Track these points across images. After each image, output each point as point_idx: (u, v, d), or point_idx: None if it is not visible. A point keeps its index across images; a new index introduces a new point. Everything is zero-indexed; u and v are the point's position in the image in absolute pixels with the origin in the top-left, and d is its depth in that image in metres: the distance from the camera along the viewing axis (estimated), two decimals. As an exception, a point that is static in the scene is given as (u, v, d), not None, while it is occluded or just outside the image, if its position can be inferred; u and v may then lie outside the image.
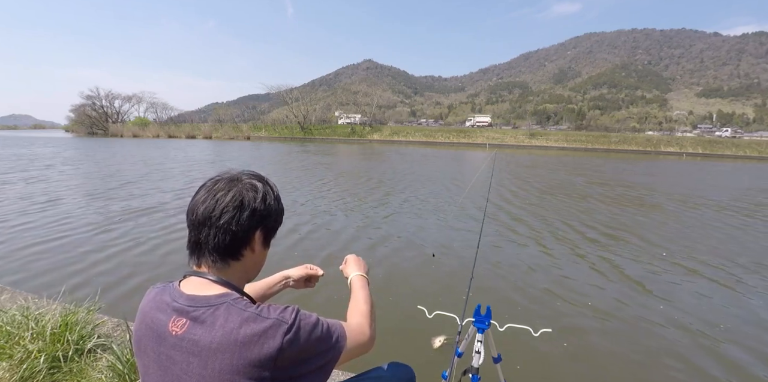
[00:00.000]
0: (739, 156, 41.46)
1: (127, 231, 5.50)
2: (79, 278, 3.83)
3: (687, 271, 4.55)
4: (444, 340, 2.81)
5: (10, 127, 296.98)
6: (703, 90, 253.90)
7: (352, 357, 0.81)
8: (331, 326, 0.78)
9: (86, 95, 72.39)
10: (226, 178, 0.80)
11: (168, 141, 43.47)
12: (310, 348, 0.72)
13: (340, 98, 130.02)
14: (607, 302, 3.66)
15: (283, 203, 0.88)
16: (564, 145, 48.61)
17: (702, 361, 2.74)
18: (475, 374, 1.36)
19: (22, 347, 1.81)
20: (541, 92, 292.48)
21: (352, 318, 0.91)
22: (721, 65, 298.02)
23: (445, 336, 2.85)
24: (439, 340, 2.81)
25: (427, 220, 6.79)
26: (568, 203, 8.95)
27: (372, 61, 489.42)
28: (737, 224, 7.22)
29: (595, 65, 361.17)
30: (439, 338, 2.82)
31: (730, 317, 3.43)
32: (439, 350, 2.73)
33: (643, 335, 3.08)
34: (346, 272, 1.13)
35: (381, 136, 57.41)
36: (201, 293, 0.74)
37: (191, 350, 0.68)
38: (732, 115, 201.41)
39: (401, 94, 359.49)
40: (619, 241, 5.78)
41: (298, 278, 1.20)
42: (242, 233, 0.77)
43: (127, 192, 8.77)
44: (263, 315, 0.70)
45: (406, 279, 4.08)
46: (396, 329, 2.99)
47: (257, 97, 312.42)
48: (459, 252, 5.02)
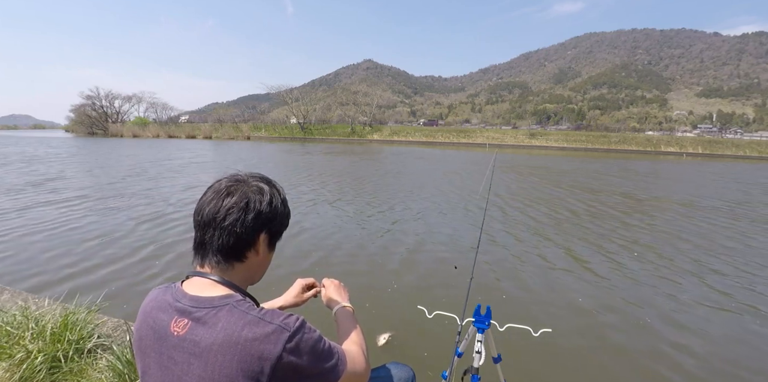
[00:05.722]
0: (739, 156, 41.47)
1: (130, 231, 5.51)
2: (79, 278, 3.82)
3: (687, 272, 4.55)
4: (388, 337, 2.80)
5: (10, 127, 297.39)
6: (703, 90, 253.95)
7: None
8: (332, 347, 0.76)
9: (86, 95, 72.25)
10: (233, 180, 0.80)
11: (168, 141, 43.46)
12: (310, 363, 0.70)
13: (340, 98, 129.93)
14: (608, 302, 3.66)
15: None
16: (564, 145, 48.57)
17: (707, 362, 2.74)
18: (475, 374, 1.35)
19: (22, 347, 1.82)
20: (541, 92, 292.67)
21: (347, 347, 0.87)
22: (721, 65, 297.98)
23: (390, 333, 2.83)
24: (383, 337, 2.79)
25: (426, 219, 6.80)
26: (568, 204, 8.95)
27: (372, 61, 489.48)
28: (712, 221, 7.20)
29: (595, 65, 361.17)
30: (384, 335, 2.81)
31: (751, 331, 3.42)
32: (383, 347, 2.72)
33: (645, 334, 3.08)
34: (328, 302, 1.09)
35: (381, 136, 57.38)
36: (204, 294, 0.74)
37: (192, 350, 0.68)
38: (732, 115, 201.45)
39: (401, 94, 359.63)
40: (620, 242, 5.78)
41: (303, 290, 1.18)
42: (247, 235, 0.77)
43: (130, 194, 8.77)
44: (266, 319, 0.69)
45: (406, 279, 4.07)
46: (396, 329, 2.98)
47: (257, 97, 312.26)
48: (459, 252, 5.02)
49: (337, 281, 1.16)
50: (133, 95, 78.50)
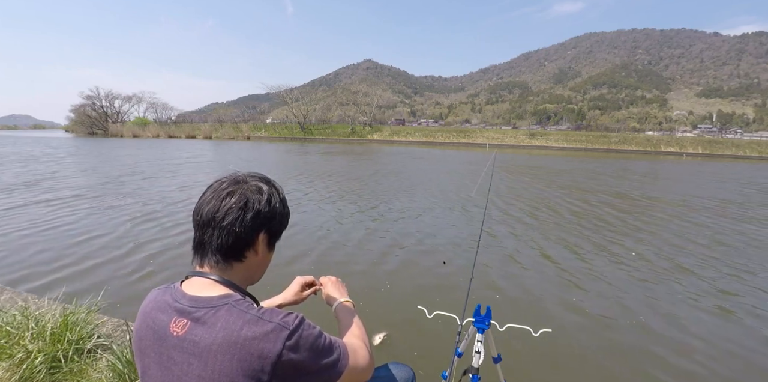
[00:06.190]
0: (739, 156, 41.46)
1: (127, 231, 5.50)
2: (79, 278, 3.82)
3: (687, 273, 4.55)
4: (383, 336, 2.80)
5: (10, 127, 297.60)
6: (703, 90, 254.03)
7: (351, 381, 0.77)
8: (333, 342, 0.76)
9: (86, 95, 72.26)
10: (232, 180, 0.80)
11: (168, 141, 43.45)
12: (311, 360, 0.70)
13: (340, 98, 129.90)
14: (608, 302, 3.65)
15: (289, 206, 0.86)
16: (564, 145, 48.56)
17: (711, 363, 2.74)
18: (475, 374, 1.35)
19: (22, 347, 1.82)
20: (541, 92, 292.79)
21: (349, 341, 0.86)
22: (721, 65, 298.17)
23: (384, 333, 2.83)
24: (378, 337, 2.79)
25: (426, 219, 6.80)
26: (569, 204, 8.94)
27: (372, 61, 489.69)
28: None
29: (595, 65, 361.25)
30: (379, 334, 2.81)
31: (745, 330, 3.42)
32: (378, 347, 2.72)
33: (646, 334, 3.08)
34: (327, 299, 1.09)
35: (381, 137, 57.38)
36: (203, 293, 0.74)
37: (192, 350, 0.68)
38: (732, 115, 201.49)
39: (401, 94, 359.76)
40: (620, 242, 5.78)
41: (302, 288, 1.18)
42: (246, 235, 0.77)
43: (127, 193, 8.77)
44: (265, 318, 0.69)
45: (406, 279, 4.07)
46: (396, 329, 2.98)
47: (257, 97, 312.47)
48: (459, 252, 5.02)
49: (334, 277, 1.16)
50: (133, 95, 78.56)
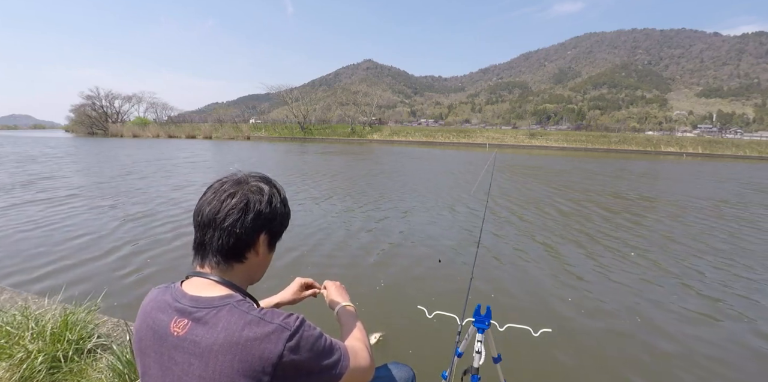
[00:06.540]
0: (739, 156, 41.46)
1: (127, 232, 5.50)
2: (79, 278, 3.82)
3: (688, 272, 4.55)
4: (379, 336, 2.79)
5: (10, 127, 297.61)
6: (703, 90, 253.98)
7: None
8: (334, 344, 0.76)
9: (86, 95, 72.26)
10: (233, 180, 0.80)
11: (168, 141, 43.45)
12: (312, 361, 0.70)
13: (340, 98, 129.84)
14: (609, 302, 3.65)
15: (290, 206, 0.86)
16: (564, 145, 48.57)
17: (712, 362, 2.74)
18: (475, 374, 1.35)
19: (22, 347, 1.82)
20: (541, 92, 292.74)
21: (350, 343, 0.87)
22: (721, 65, 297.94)
23: (381, 333, 2.83)
24: (374, 336, 2.78)
25: (428, 219, 6.80)
26: (569, 204, 8.95)
27: (372, 61, 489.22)
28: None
29: (595, 65, 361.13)
30: (375, 334, 2.80)
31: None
32: (377, 346, 2.72)
33: (646, 334, 3.08)
34: (330, 303, 1.10)
35: (381, 137, 57.38)
36: (204, 294, 0.74)
37: (192, 351, 0.68)
38: (732, 115, 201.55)
39: (401, 94, 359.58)
40: (624, 242, 5.78)
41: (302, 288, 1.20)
42: (246, 236, 0.77)
43: (131, 193, 8.77)
44: (266, 319, 0.69)
45: (406, 279, 4.07)
46: (396, 329, 2.98)
47: (257, 97, 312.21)
48: (459, 252, 5.02)
49: (337, 282, 1.17)
50: (133, 95, 78.60)
